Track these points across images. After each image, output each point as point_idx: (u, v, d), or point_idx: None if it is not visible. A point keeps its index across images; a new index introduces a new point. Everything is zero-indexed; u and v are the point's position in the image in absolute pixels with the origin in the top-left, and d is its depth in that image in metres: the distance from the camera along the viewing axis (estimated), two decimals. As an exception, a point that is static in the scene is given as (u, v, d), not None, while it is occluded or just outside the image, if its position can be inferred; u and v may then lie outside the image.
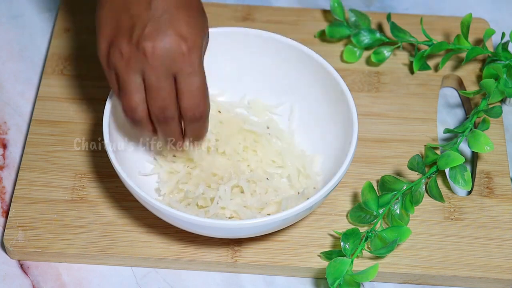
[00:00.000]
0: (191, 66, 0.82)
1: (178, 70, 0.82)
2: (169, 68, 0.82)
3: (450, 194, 0.96)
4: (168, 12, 0.81)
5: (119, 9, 0.83)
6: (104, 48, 0.84)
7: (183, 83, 0.83)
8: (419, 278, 0.91)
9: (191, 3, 0.83)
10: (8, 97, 1.04)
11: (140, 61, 0.81)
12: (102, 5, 0.84)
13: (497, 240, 0.93)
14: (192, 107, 0.84)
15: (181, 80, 0.82)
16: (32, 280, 0.91)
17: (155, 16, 0.81)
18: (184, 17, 0.82)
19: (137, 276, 0.92)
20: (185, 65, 0.82)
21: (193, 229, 0.87)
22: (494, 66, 1.00)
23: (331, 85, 0.94)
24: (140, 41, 0.81)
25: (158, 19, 0.81)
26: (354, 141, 0.89)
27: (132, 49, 0.81)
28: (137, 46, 0.81)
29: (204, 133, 0.88)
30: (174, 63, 0.82)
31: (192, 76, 0.82)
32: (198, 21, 0.83)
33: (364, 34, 1.05)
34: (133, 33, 0.81)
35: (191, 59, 0.82)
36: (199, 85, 0.83)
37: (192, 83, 0.83)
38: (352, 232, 0.90)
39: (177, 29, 0.81)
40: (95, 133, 0.99)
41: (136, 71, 0.82)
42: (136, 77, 0.82)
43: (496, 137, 0.99)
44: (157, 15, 0.81)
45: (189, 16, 0.82)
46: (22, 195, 0.94)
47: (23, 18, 1.11)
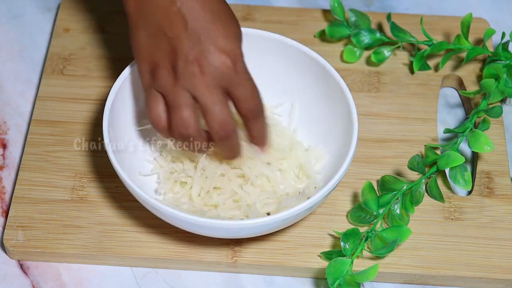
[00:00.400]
0: (239, 75, 0.84)
1: (229, 83, 0.83)
2: (220, 84, 0.83)
3: (450, 194, 0.96)
4: (205, 29, 0.82)
5: (155, 32, 0.84)
6: (147, 72, 0.85)
7: (237, 92, 0.84)
8: (419, 278, 0.91)
9: (224, 14, 0.84)
10: (8, 97, 1.04)
11: (190, 82, 0.83)
12: (136, 29, 0.85)
13: (497, 240, 0.93)
14: (251, 107, 0.85)
15: (234, 90, 0.84)
16: (32, 280, 0.91)
17: (194, 36, 0.82)
18: (221, 31, 0.83)
19: (137, 276, 0.92)
20: (234, 77, 0.83)
21: (193, 229, 0.87)
22: (494, 66, 1.00)
23: (331, 85, 0.93)
24: (187, 65, 0.82)
25: (197, 39, 0.82)
26: (354, 141, 0.89)
27: (179, 72, 0.83)
28: (184, 69, 0.82)
29: (266, 132, 0.89)
30: (223, 78, 0.83)
31: (243, 84, 0.84)
32: (234, 30, 0.84)
33: (364, 34, 1.05)
34: (176, 56, 0.83)
35: (237, 69, 0.83)
36: (251, 88, 0.85)
37: (245, 90, 0.84)
38: (352, 232, 0.90)
39: (218, 45, 0.83)
40: (95, 133, 0.99)
41: (186, 91, 0.83)
42: (187, 95, 0.83)
43: (496, 137, 0.99)
44: (196, 35, 0.82)
45: (224, 28, 0.83)
46: (22, 195, 0.94)
47: (23, 18, 1.11)
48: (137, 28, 0.85)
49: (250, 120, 0.86)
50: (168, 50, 0.83)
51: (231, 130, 0.85)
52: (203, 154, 0.92)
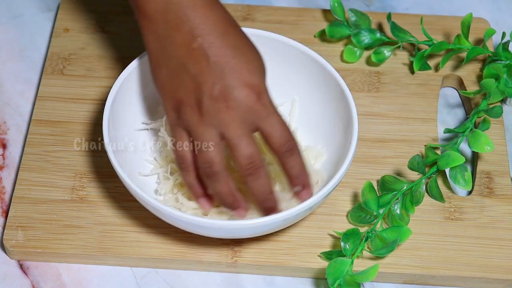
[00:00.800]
0: (266, 109, 0.83)
1: (255, 117, 0.82)
2: (246, 119, 0.82)
3: (450, 194, 0.96)
4: (228, 65, 0.82)
5: (178, 70, 0.83)
6: (172, 109, 0.84)
7: (266, 126, 0.83)
8: (419, 278, 0.91)
9: (246, 48, 0.84)
10: (8, 97, 1.04)
11: (216, 118, 0.82)
12: (158, 67, 0.85)
13: (497, 240, 0.93)
14: (283, 141, 0.83)
15: (263, 124, 0.83)
16: (32, 280, 0.91)
17: (218, 72, 0.82)
18: (244, 65, 0.82)
19: (136, 276, 0.92)
20: (261, 111, 0.82)
21: (193, 230, 0.87)
22: (494, 66, 1.00)
23: (332, 85, 0.93)
24: (212, 101, 0.81)
25: (221, 74, 0.82)
26: (354, 141, 0.89)
27: (204, 109, 0.82)
28: (209, 106, 0.81)
29: (304, 168, 0.86)
30: (249, 113, 0.82)
31: (270, 117, 0.83)
32: (257, 64, 0.84)
33: (364, 34, 1.05)
34: (201, 93, 0.82)
35: (263, 103, 0.82)
36: (280, 121, 0.83)
37: (274, 123, 0.83)
38: (352, 232, 0.90)
39: (242, 80, 0.82)
40: (95, 133, 0.99)
41: (212, 127, 0.82)
42: (213, 131, 0.82)
43: (496, 137, 0.99)
44: (219, 70, 0.82)
45: (248, 63, 0.83)
46: (22, 195, 0.94)
47: (23, 18, 1.11)
48: (159, 65, 0.84)
49: (284, 155, 0.84)
50: (191, 87, 0.82)
51: (259, 165, 0.83)
52: None
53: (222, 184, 0.84)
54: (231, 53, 0.82)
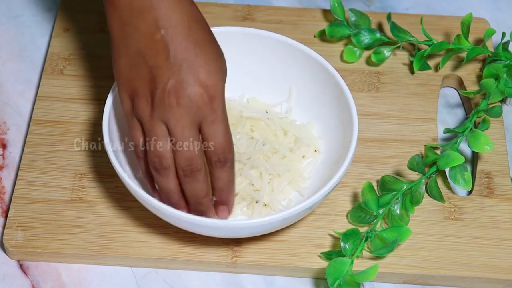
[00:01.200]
0: (214, 113, 0.82)
1: (202, 118, 0.82)
2: (194, 118, 0.82)
3: (450, 194, 0.96)
4: (187, 61, 0.81)
5: (137, 60, 0.83)
6: (127, 98, 0.84)
7: (208, 131, 0.82)
8: (419, 278, 0.91)
9: (208, 48, 0.83)
10: (8, 97, 1.04)
11: (165, 113, 0.81)
12: (118, 53, 0.84)
13: (497, 240, 0.93)
14: (217, 151, 0.83)
15: (206, 128, 0.82)
16: (32, 280, 0.91)
17: (175, 67, 0.81)
18: (203, 65, 0.81)
19: (136, 276, 0.92)
20: (209, 114, 0.82)
21: (192, 229, 0.87)
22: (494, 66, 1.00)
23: (332, 85, 0.93)
24: (164, 94, 0.81)
25: (178, 69, 0.81)
26: (354, 141, 0.89)
27: (156, 101, 0.81)
28: (161, 98, 0.81)
29: (231, 186, 0.86)
30: (198, 113, 0.82)
31: (215, 123, 0.82)
32: (217, 65, 0.83)
33: (364, 34, 1.05)
34: (155, 85, 0.81)
35: (213, 107, 0.82)
36: (224, 131, 0.83)
37: (217, 130, 0.82)
38: (352, 232, 0.90)
39: (198, 78, 0.81)
40: (95, 133, 0.99)
41: (161, 122, 0.82)
42: (162, 127, 0.82)
43: (496, 137, 0.99)
44: (177, 65, 0.81)
45: (207, 63, 0.82)
46: (22, 195, 0.94)
47: (23, 18, 1.11)
48: (119, 52, 0.84)
49: (215, 165, 0.84)
50: (147, 78, 0.82)
51: (197, 168, 0.83)
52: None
53: (170, 180, 0.84)
54: (192, 50, 0.81)
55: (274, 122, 0.95)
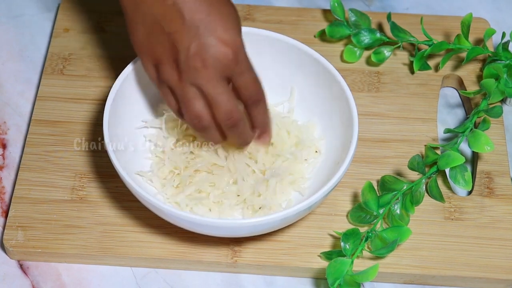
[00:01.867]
0: (241, 65, 0.84)
1: (230, 73, 0.84)
2: (222, 74, 0.83)
3: (450, 194, 0.96)
4: (203, 22, 0.82)
5: (154, 28, 0.84)
6: (152, 69, 0.86)
7: (239, 81, 0.85)
8: (419, 278, 0.91)
9: (221, 4, 0.84)
10: (8, 97, 1.04)
11: (193, 75, 0.83)
12: (134, 25, 0.85)
13: (497, 240, 0.93)
14: (252, 94, 0.86)
15: (236, 80, 0.84)
16: (32, 280, 0.91)
17: (193, 29, 0.82)
18: (219, 22, 0.82)
19: (137, 276, 0.92)
20: (236, 67, 0.83)
21: (193, 228, 0.87)
22: (494, 66, 1.00)
23: (332, 85, 0.93)
24: (188, 59, 0.82)
25: (196, 32, 0.82)
26: (354, 141, 0.89)
27: (182, 66, 0.83)
28: (186, 64, 0.82)
29: (268, 119, 0.90)
30: (226, 70, 0.83)
31: (245, 74, 0.84)
32: (232, 20, 0.84)
33: (364, 34, 1.05)
34: (177, 51, 0.83)
35: (238, 59, 0.83)
36: (253, 77, 0.85)
37: (247, 79, 0.85)
38: (352, 232, 0.90)
39: (218, 37, 0.82)
40: (95, 133, 0.99)
41: (191, 84, 0.83)
42: (192, 88, 0.84)
43: (496, 137, 0.99)
44: (194, 28, 0.82)
45: (222, 19, 0.83)
46: (22, 195, 0.94)
47: (23, 18, 1.11)
48: (135, 24, 0.85)
49: (251, 106, 0.87)
50: (168, 45, 0.83)
51: (238, 118, 0.85)
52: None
53: (214, 136, 0.87)
54: (206, 10, 0.82)
55: (277, 122, 0.95)
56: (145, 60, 0.86)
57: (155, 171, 0.93)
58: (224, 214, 0.91)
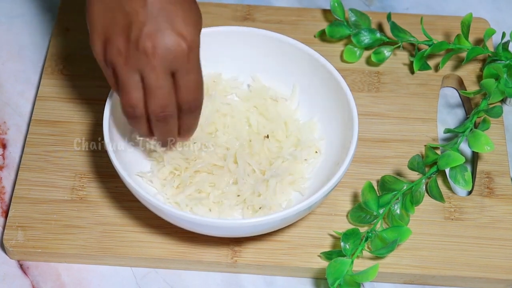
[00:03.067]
0: (190, 63, 0.82)
1: (177, 68, 0.82)
2: (169, 67, 0.81)
3: (450, 194, 0.96)
4: (165, 9, 0.81)
5: (113, 5, 0.82)
6: (99, 45, 0.83)
7: (182, 80, 0.83)
8: (419, 278, 0.91)
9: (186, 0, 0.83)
10: (8, 97, 1.04)
11: (140, 60, 0.81)
12: (92, 2, 0.83)
13: (497, 240, 0.93)
14: (189, 100, 0.84)
15: (180, 77, 0.82)
16: (32, 280, 0.91)
17: (152, 14, 0.80)
18: (180, 14, 0.81)
19: (137, 276, 0.92)
20: (185, 63, 0.82)
21: (193, 228, 0.87)
22: (494, 66, 1.00)
23: (332, 85, 0.93)
24: (140, 41, 0.80)
25: (155, 17, 0.80)
26: (354, 141, 0.89)
27: (131, 47, 0.81)
28: (136, 45, 0.80)
29: (196, 126, 0.88)
30: (174, 62, 0.81)
31: (190, 73, 0.82)
32: (194, 16, 0.82)
33: (364, 34, 1.05)
34: (131, 31, 0.81)
35: (190, 57, 0.82)
36: (197, 80, 0.84)
37: (190, 80, 0.83)
38: (352, 232, 0.90)
39: (176, 27, 0.81)
40: (95, 133, 0.99)
41: (135, 69, 0.82)
42: (135, 75, 0.82)
43: (496, 137, 0.99)
44: (154, 13, 0.80)
45: (184, 12, 0.81)
46: (22, 195, 0.94)
47: (23, 18, 1.11)
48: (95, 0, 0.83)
49: (185, 112, 0.85)
50: (123, 24, 0.81)
51: (170, 115, 0.84)
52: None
53: (142, 126, 0.85)
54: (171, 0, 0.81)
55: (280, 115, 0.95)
56: (95, 36, 0.84)
57: (155, 171, 0.93)
58: (224, 214, 0.91)
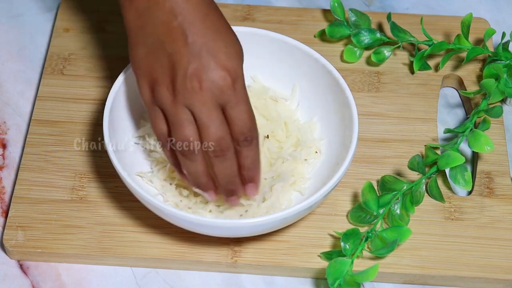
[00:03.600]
0: (238, 95, 0.82)
1: (226, 101, 0.82)
2: (218, 101, 0.81)
3: (450, 194, 0.96)
4: (206, 46, 0.81)
5: (155, 48, 0.83)
6: (147, 89, 0.84)
7: (233, 112, 0.82)
8: (419, 278, 0.91)
9: (225, 33, 0.83)
10: (8, 97, 1.04)
11: (189, 98, 0.81)
12: (136, 44, 0.84)
13: (497, 240, 0.93)
14: (243, 131, 0.83)
15: (230, 110, 0.82)
16: (32, 280, 0.91)
17: (195, 52, 0.81)
18: (222, 48, 0.82)
19: (137, 276, 0.92)
20: (233, 96, 0.82)
21: (193, 228, 0.87)
22: (494, 66, 1.00)
23: (332, 85, 0.93)
24: (186, 79, 0.81)
25: (198, 54, 0.81)
26: (354, 141, 0.89)
27: (178, 87, 0.81)
28: (183, 84, 0.81)
29: (259, 162, 0.86)
30: (222, 96, 0.81)
31: (240, 105, 0.82)
32: (235, 49, 0.83)
33: (364, 34, 1.05)
34: (176, 71, 0.81)
35: (237, 89, 0.82)
36: (248, 111, 0.83)
37: (241, 111, 0.82)
38: (352, 232, 0.90)
39: (219, 62, 0.81)
40: (95, 133, 0.99)
41: (184, 107, 0.82)
42: (186, 112, 0.82)
43: (496, 137, 0.99)
44: (196, 50, 0.81)
45: (226, 47, 0.82)
46: (22, 195, 0.94)
47: (23, 18, 1.11)
48: (136, 43, 0.84)
49: (242, 144, 0.84)
50: (167, 65, 0.82)
51: (227, 147, 0.83)
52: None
53: (199, 163, 0.84)
54: (211, 35, 0.82)
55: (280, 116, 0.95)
56: (141, 80, 0.84)
57: (155, 171, 0.93)
58: (224, 214, 0.91)
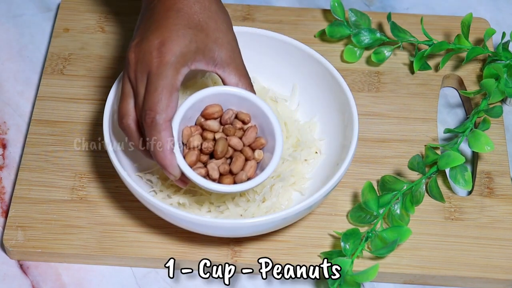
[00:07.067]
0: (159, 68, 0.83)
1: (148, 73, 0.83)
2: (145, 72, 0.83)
3: (450, 194, 0.96)
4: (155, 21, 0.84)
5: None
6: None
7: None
8: (419, 278, 0.91)
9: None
10: (8, 97, 1.04)
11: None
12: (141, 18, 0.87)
13: (497, 240, 0.93)
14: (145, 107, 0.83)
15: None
16: (32, 280, 0.91)
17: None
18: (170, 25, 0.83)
19: (136, 276, 0.92)
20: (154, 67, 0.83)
21: (193, 228, 0.87)
22: (494, 66, 1.00)
23: (332, 84, 0.93)
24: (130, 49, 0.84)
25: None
26: (354, 141, 0.89)
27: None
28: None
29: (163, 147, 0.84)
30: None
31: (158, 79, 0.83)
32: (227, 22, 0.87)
33: (364, 34, 1.05)
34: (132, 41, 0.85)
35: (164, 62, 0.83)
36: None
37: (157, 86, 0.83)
38: (352, 232, 0.90)
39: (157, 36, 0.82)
40: (95, 133, 0.99)
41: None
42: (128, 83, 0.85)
43: (496, 137, 0.99)
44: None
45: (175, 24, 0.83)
46: (22, 195, 0.94)
47: (23, 18, 1.11)
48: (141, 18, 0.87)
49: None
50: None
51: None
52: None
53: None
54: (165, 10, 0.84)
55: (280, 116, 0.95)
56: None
57: (155, 171, 0.93)
58: (224, 214, 0.91)
